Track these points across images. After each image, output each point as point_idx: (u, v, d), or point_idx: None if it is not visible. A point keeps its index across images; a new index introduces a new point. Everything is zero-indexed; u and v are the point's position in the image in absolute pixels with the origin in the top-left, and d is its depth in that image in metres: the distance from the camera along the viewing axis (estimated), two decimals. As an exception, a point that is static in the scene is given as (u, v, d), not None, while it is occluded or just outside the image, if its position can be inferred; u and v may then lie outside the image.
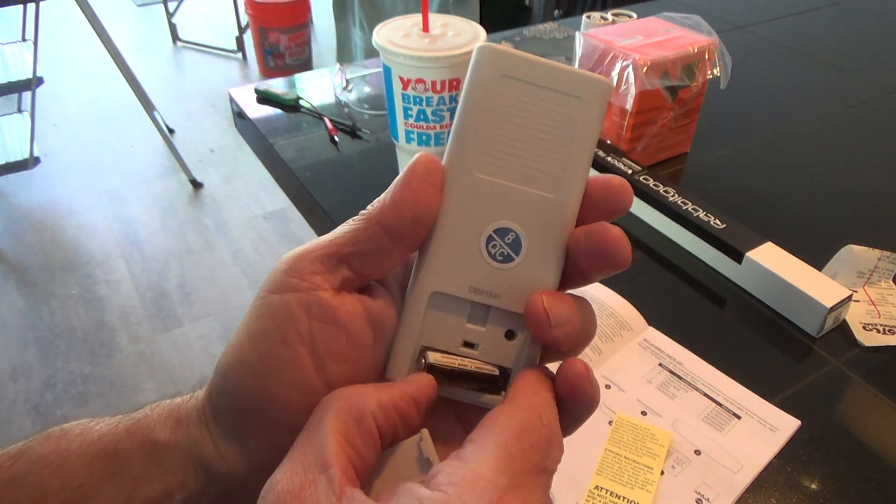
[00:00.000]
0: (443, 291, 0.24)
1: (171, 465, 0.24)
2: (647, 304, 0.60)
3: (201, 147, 2.46)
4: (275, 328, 0.23)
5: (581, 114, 0.24)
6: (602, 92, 0.24)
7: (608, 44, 0.75)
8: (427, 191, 0.23)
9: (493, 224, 0.24)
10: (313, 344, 0.23)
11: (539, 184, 0.24)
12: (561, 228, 0.24)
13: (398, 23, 0.66)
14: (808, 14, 1.27)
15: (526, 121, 0.24)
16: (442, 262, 0.24)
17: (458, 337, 0.25)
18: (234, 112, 0.95)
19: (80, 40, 3.10)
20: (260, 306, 0.23)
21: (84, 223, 2.09)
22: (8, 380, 1.59)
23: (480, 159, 0.24)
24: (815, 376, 0.56)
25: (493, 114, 0.24)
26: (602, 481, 0.47)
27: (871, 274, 0.64)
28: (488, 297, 0.24)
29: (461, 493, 0.19)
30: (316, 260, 0.23)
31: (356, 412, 0.21)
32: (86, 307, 1.80)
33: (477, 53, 0.24)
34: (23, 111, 2.20)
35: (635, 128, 0.76)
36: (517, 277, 0.24)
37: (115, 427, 0.25)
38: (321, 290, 0.23)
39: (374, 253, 0.23)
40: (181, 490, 0.24)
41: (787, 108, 0.97)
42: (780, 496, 0.47)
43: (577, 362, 0.23)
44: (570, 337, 0.23)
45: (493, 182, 0.24)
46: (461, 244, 0.24)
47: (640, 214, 0.72)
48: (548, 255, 0.24)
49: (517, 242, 0.24)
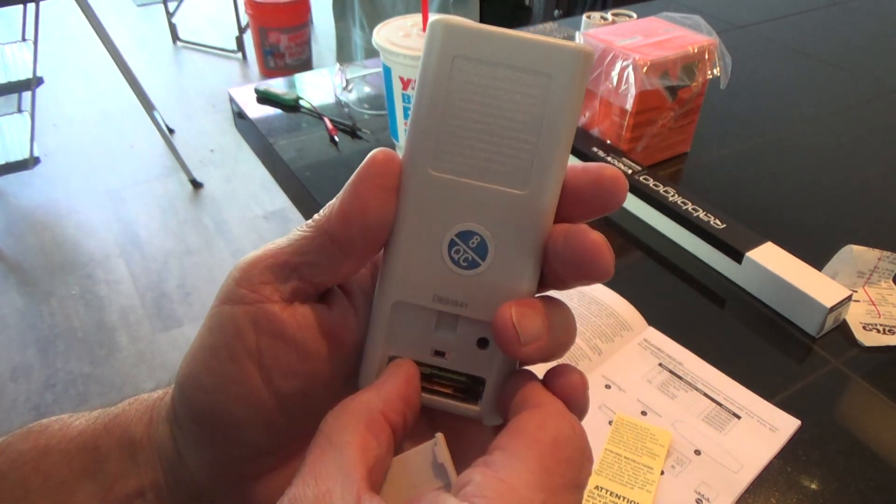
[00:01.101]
0: (405, 300, 0.22)
1: (145, 463, 0.24)
2: (647, 304, 0.60)
3: (201, 147, 2.46)
4: (223, 343, 0.22)
5: (552, 94, 0.21)
6: (577, 63, 0.21)
7: (608, 44, 0.75)
8: (378, 197, 0.21)
9: (454, 227, 0.22)
10: (261, 358, 0.22)
11: (504, 179, 0.21)
12: (533, 228, 0.21)
13: (398, 23, 0.66)
14: (808, 14, 1.27)
15: (488, 107, 0.21)
16: (402, 270, 0.22)
17: (427, 346, 0.23)
18: (234, 112, 0.95)
19: (80, 40, 3.10)
20: (212, 317, 0.23)
21: (84, 223, 2.09)
22: (8, 380, 1.59)
23: (436, 156, 0.21)
24: (815, 376, 0.56)
25: (449, 101, 0.21)
26: (602, 481, 0.47)
27: (871, 274, 0.64)
28: (455, 307, 0.22)
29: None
30: (266, 269, 0.22)
31: (365, 415, 0.20)
32: (86, 307, 1.80)
33: (429, 30, 0.21)
34: (23, 111, 2.20)
35: (635, 128, 0.76)
36: (485, 284, 0.22)
37: (94, 423, 0.25)
38: (269, 303, 0.22)
39: (324, 264, 0.22)
40: (153, 488, 0.24)
41: (787, 108, 0.97)
42: (780, 496, 0.47)
43: (574, 373, 0.22)
44: (543, 352, 0.22)
45: (452, 180, 0.21)
46: (421, 250, 0.22)
47: (640, 214, 0.72)
48: (519, 259, 0.22)
49: (483, 246, 0.22)
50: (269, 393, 0.22)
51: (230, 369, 0.22)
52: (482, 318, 0.22)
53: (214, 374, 0.22)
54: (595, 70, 0.77)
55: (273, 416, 0.22)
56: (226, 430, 0.22)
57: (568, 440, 0.20)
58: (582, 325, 0.57)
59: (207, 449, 0.23)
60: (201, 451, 0.23)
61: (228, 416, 0.22)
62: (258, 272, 0.22)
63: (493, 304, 0.22)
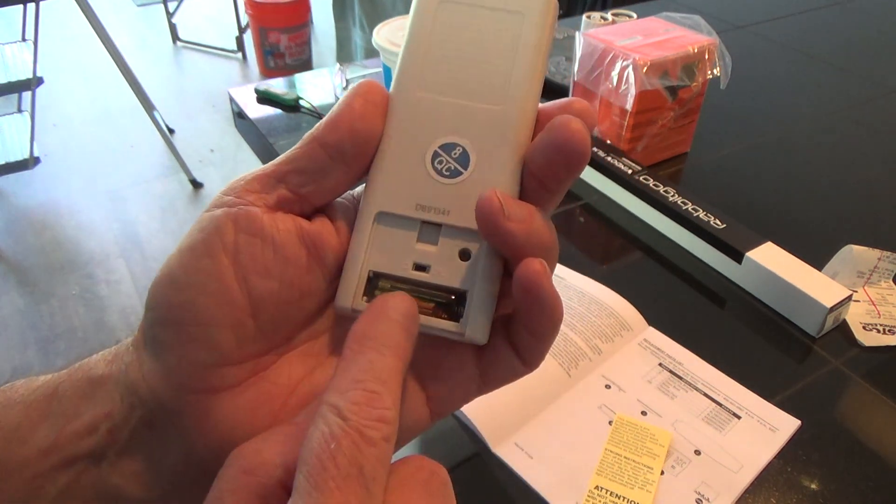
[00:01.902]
0: (388, 211, 0.23)
1: (102, 398, 0.24)
2: (647, 304, 0.60)
3: (201, 147, 2.46)
4: (201, 240, 0.22)
5: (524, 29, 0.24)
6: (543, 6, 0.24)
7: (608, 44, 0.75)
8: (367, 109, 0.23)
9: (437, 140, 0.23)
10: (237, 254, 0.22)
11: (483, 97, 0.24)
12: (511, 140, 0.23)
13: (398, 23, 0.66)
14: (808, 14, 1.27)
15: (468, 39, 0.24)
16: (386, 180, 0.23)
17: (408, 259, 0.24)
18: (234, 112, 0.95)
19: (80, 40, 3.10)
20: (195, 222, 0.23)
21: (84, 223, 2.09)
22: (8, 380, 1.59)
23: (422, 78, 0.24)
24: (814, 376, 0.56)
25: (433, 36, 0.24)
26: (602, 481, 0.47)
27: (871, 274, 0.64)
28: (437, 214, 0.23)
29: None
30: (253, 180, 0.23)
31: (256, 480, 0.19)
32: (86, 307, 1.80)
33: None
34: (23, 111, 2.20)
35: (635, 128, 0.76)
36: (467, 191, 0.23)
37: (57, 374, 0.25)
38: (252, 206, 0.23)
39: (311, 170, 0.23)
40: (107, 420, 0.23)
41: (787, 108, 0.97)
42: (780, 496, 0.47)
43: (532, 261, 0.21)
44: (530, 235, 0.22)
45: (436, 99, 0.24)
46: (406, 162, 0.23)
47: (640, 214, 0.72)
48: (499, 167, 0.23)
49: (465, 156, 0.23)
50: (241, 291, 0.22)
51: (205, 264, 0.22)
52: (465, 224, 0.23)
53: (189, 270, 0.22)
54: (595, 70, 0.77)
55: (244, 317, 0.22)
56: (194, 327, 0.22)
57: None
58: (582, 325, 0.57)
59: (172, 353, 0.22)
60: (164, 358, 0.22)
61: (199, 312, 0.22)
62: (244, 182, 0.23)
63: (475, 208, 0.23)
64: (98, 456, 0.23)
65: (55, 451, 0.23)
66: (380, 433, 0.18)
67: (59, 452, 0.23)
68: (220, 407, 0.22)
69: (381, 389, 0.19)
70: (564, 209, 0.75)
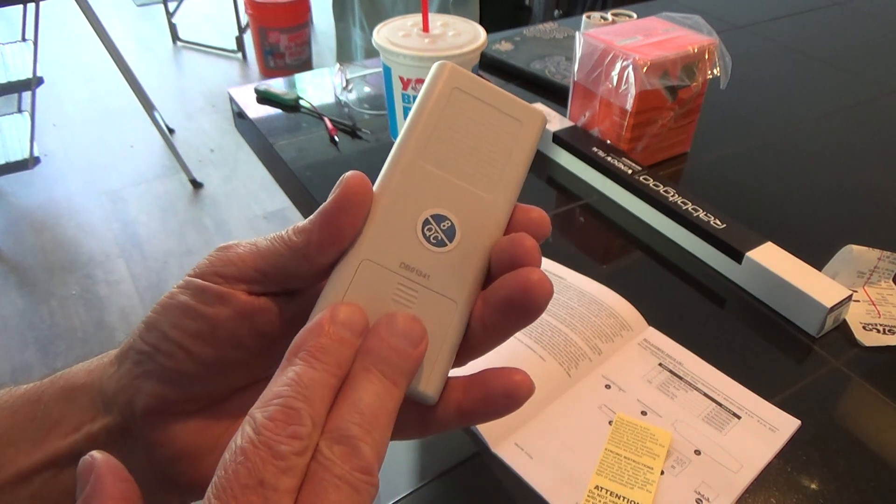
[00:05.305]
0: (374, 261, 0.25)
1: (83, 404, 0.26)
2: (647, 304, 0.60)
3: (201, 147, 2.46)
4: (163, 305, 0.26)
5: (520, 134, 0.27)
6: (540, 122, 0.27)
7: (608, 44, 0.75)
8: (355, 226, 0.24)
9: (432, 209, 0.25)
10: (184, 327, 0.25)
11: (477, 183, 0.26)
12: (492, 228, 0.26)
13: (398, 23, 0.66)
14: (808, 14, 1.27)
15: (472, 128, 0.26)
16: (377, 233, 0.25)
17: (383, 307, 0.25)
18: (234, 112, 0.95)
19: (80, 40, 3.10)
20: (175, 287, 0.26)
21: (84, 223, 2.09)
22: (8, 380, 1.59)
23: (428, 150, 0.26)
24: (815, 376, 0.56)
25: (443, 117, 0.26)
26: (602, 481, 0.47)
27: (871, 274, 0.64)
28: (418, 276, 0.25)
29: None
30: (228, 264, 0.25)
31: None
32: (86, 307, 1.80)
33: (436, 67, 0.27)
34: (23, 111, 2.20)
35: (635, 128, 0.76)
36: (448, 261, 0.25)
37: (39, 383, 0.27)
38: (208, 285, 0.25)
39: (291, 276, 0.25)
40: (88, 424, 0.26)
41: (787, 108, 0.97)
42: (780, 496, 0.47)
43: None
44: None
45: (437, 173, 0.26)
46: (399, 221, 0.25)
47: (640, 214, 0.72)
48: (477, 249, 0.25)
49: (452, 230, 0.25)
50: (185, 355, 0.25)
51: (164, 328, 0.25)
52: (441, 291, 0.25)
53: (155, 327, 0.25)
54: (595, 70, 0.77)
55: (192, 372, 0.25)
56: (157, 368, 0.25)
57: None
58: (582, 325, 0.57)
59: (141, 380, 0.25)
60: (137, 381, 0.25)
61: (159, 360, 0.25)
62: (233, 270, 0.25)
63: (453, 281, 0.25)
64: (77, 455, 0.25)
65: (40, 450, 0.26)
66: (290, 448, 0.19)
67: (44, 451, 0.26)
68: (175, 427, 0.26)
69: (301, 405, 0.20)
70: (564, 209, 0.75)
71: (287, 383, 0.20)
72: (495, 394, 0.24)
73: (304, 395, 0.20)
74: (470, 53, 0.62)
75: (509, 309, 0.24)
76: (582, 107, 0.81)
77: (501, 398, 0.24)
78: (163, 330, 0.25)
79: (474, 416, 0.25)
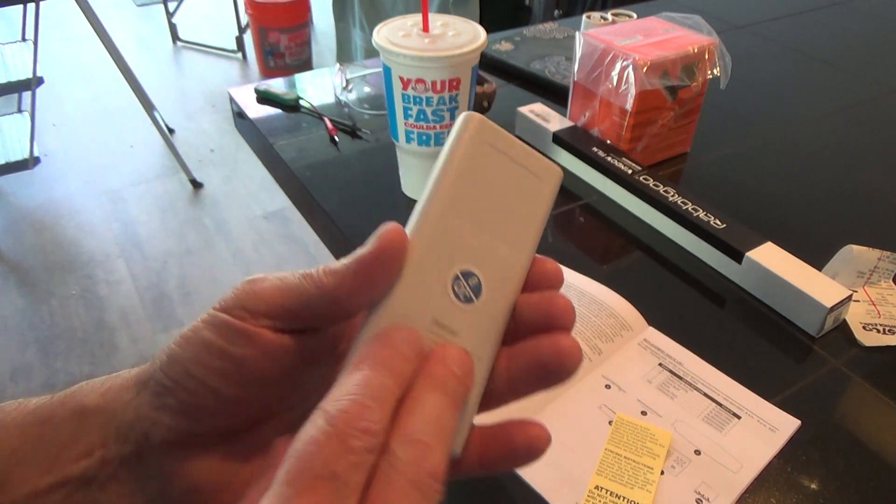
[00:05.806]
0: (408, 317, 0.25)
1: (96, 426, 0.26)
2: (647, 304, 0.60)
3: (201, 147, 2.46)
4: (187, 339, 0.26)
5: (542, 191, 0.28)
6: (557, 179, 0.28)
7: (608, 44, 0.75)
8: (390, 280, 0.24)
9: (460, 265, 0.25)
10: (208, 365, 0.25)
11: (503, 238, 0.26)
12: (515, 283, 0.26)
13: (398, 23, 0.66)
14: (808, 14, 1.27)
15: (497, 182, 0.27)
16: (412, 288, 0.25)
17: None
18: (234, 112, 0.95)
19: (80, 40, 3.10)
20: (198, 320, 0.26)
21: (84, 223, 2.09)
22: (8, 380, 1.59)
23: (457, 204, 0.26)
24: (815, 376, 0.56)
25: (474, 172, 0.26)
26: (602, 481, 0.47)
27: (871, 274, 0.64)
28: (448, 334, 0.25)
29: None
30: (263, 307, 0.25)
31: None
32: (86, 307, 1.80)
33: (465, 119, 0.27)
34: (23, 111, 2.20)
35: (635, 128, 0.76)
36: (474, 318, 0.25)
37: (49, 400, 0.27)
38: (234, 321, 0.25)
39: (319, 318, 0.25)
40: (101, 448, 0.25)
41: (787, 108, 0.97)
42: (780, 496, 0.47)
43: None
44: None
45: (465, 227, 0.26)
46: (431, 277, 0.25)
47: (640, 214, 0.72)
48: (500, 306, 0.26)
49: (478, 287, 0.25)
50: (206, 392, 0.25)
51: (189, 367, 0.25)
52: (467, 349, 0.25)
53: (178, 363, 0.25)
54: (595, 70, 0.77)
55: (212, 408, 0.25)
56: (178, 402, 0.25)
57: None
58: (582, 325, 0.57)
59: (163, 412, 0.25)
60: (159, 414, 0.25)
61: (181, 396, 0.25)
62: (260, 305, 0.25)
63: (477, 339, 0.25)
64: (89, 479, 0.25)
65: (52, 472, 0.25)
66: (362, 443, 0.19)
67: (55, 474, 0.25)
68: (191, 460, 0.26)
69: (373, 405, 0.20)
70: (564, 209, 0.75)
71: (357, 383, 0.20)
72: (517, 447, 0.25)
73: (374, 396, 0.20)
74: (470, 53, 0.62)
75: (539, 371, 0.25)
76: (582, 107, 0.81)
77: (523, 452, 0.25)
78: (185, 365, 0.25)
79: (495, 466, 0.26)
